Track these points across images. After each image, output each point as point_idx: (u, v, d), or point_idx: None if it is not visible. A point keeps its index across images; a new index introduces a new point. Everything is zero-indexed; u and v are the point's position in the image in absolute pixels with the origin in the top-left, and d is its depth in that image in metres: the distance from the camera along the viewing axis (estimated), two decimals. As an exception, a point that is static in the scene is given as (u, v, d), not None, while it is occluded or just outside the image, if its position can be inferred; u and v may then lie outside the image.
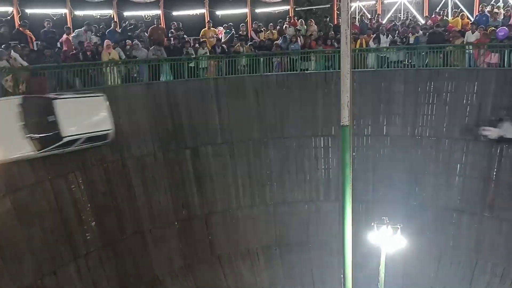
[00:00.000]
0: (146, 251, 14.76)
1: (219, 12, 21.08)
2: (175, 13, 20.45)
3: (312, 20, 19.67)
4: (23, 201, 11.78)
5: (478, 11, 19.18)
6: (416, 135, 16.37)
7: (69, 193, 12.94)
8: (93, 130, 12.46)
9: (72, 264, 12.73)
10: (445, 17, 19.37)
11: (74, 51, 14.94)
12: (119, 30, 16.76)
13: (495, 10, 18.73)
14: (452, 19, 19.00)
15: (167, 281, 15.03)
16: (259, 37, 18.41)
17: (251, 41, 17.97)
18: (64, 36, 15.48)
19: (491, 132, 14.71)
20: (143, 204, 14.79)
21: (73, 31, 15.92)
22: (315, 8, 25.32)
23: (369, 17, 23.43)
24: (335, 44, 16.92)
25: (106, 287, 13.54)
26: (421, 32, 17.15)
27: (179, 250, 15.51)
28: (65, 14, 17.40)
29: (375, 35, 17.42)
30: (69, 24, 16.73)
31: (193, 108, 15.91)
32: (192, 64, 15.97)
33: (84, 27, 16.06)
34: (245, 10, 20.80)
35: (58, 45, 15.33)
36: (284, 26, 18.89)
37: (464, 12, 20.34)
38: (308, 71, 17.02)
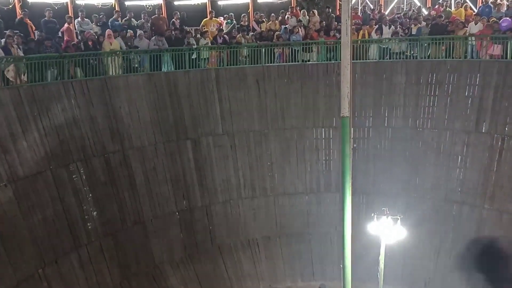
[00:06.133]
0: (147, 241, 14.85)
1: (221, 2, 20.97)
2: (176, 2, 20.36)
3: (314, 11, 19.56)
4: (24, 190, 11.83)
5: (482, 2, 19.02)
6: (418, 127, 16.33)
7: (70, 183, 13.01)
8: None
9: (73, 253, 12.83)
10: (448, 8, 19.24)
11: (75, 41, 14.92)
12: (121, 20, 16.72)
13: (499, 1, 18.58)
14: (455, 10, 18.86)
15: (168, 271, 15.12)
16: (260, 28, 18.33)
17: (252, 32, 17.89)
18: (65, 25, 15.45)
19: None
20: (144, 195, 14.85)
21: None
22: (317, -1, 25.18)
23: (372, 7, 23.30)
24: (337, 35, 16.82)
25: (107, 276, 13.64)
26: (423, 23, 17.02)
27: (180, 240, 15.61)
28: (66, 3, 17.34)
29: (377, 26, 17.31)
30: (70, 13, 16.66)
31: (194, 98, 15.89)
32: (194, 56, 15.93)
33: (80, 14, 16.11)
34: (247, 0, 20.68)
35: (59, 34, 15.31)
36: (286, 17, 18.78)
37: (467, 3, 20.19)
38: (310, 62, 16.96)
